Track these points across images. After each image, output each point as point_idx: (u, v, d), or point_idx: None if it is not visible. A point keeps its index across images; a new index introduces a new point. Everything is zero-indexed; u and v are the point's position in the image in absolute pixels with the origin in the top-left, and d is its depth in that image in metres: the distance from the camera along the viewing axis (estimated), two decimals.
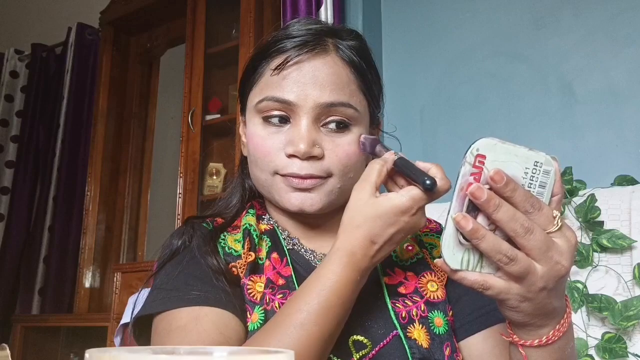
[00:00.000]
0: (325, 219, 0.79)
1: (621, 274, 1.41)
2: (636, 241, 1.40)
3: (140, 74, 3.15)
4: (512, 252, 0.52)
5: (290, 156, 0.71)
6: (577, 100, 1.86)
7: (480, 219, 0.53)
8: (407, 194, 0.62)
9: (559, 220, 0.53)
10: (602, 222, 1.45)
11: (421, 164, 0.64)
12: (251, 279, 0.71)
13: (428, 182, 0.59)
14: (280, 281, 0.71)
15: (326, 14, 2.06)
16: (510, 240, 0.53)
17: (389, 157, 0.66)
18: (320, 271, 0.63)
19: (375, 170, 0.65)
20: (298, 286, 0.68)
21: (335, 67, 0.73)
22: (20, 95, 3.49)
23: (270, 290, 0.70)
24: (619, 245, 1.41)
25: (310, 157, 0.71)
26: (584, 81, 1.86)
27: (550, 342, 0.57)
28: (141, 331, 0.73)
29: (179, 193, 2.42)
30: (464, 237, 0.53)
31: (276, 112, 0.73)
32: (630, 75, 1.78)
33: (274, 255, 0.74)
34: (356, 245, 0.62)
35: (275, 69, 0.72)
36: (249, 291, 0.70)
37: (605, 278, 1.43)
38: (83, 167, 3.03)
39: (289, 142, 0.71)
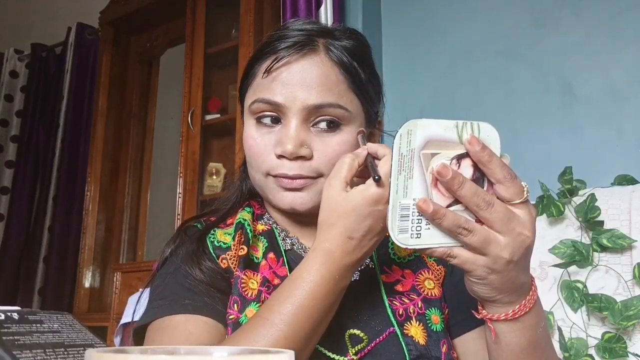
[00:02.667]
0: None
1: (621, 274, 1.41)
2: (636, 241, 1.40)
3: (140, 73, 3.14)
4: (469, 224, 0.54)
5: (279, 157, 0.72)
6: (577, 100, 1.86)
7: (437, 198, 0.56)
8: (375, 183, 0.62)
9: (527, 192, 0.56)
10: (602, 222, 1.45)
11: (381, 151, 0.64)
12: (246, 273, 0.72)
13: (376, 177, 0.60)
14: (276, 280, 0.72)
15: (326, 13, 2.06)
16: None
17: (361, 151, 0.65)
18: (296, 272, 0.63)
19: (346, 164, 0.63)
20: None
21: (323, 67, 0.73)
22: (20, 95, 3.49)
23: (266, 288, 0.71)
24: (619, 245, 1.41)
25: (298, 158, 0.71)
26: (584, 81, 1.86)
27: (517, 315, 0.59)
28: (139, 342, 0.74)
29: (179, 193, 2.42)
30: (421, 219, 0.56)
31: (267, 113, 0.73)
32: (630, 75, 1.78)
33: (271, 255, 0.75)
34: (334, 244, 0.61)
35: (265, 70, 0.73)
36: (242, 285, 0.71)
37: (605, 278, 1.43)
38: (83, 167, 3.03)
39: (278, 142, 0.72)
